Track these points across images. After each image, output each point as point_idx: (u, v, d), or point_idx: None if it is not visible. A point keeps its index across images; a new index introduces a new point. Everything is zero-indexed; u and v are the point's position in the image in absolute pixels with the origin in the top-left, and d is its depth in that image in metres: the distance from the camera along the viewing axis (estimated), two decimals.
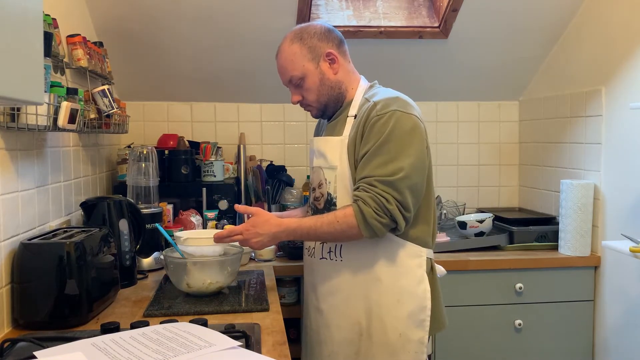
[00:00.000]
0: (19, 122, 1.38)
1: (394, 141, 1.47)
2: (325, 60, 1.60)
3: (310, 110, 1.69)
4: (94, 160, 2.21)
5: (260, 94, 2.80)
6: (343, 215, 1.49)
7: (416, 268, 1.57)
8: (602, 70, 2.28)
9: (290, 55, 1.60)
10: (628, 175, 2.14)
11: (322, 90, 1.62)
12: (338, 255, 1.61)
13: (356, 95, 1.63)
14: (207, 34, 2.40)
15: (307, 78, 1.61)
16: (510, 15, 2.42)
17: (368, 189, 1.46)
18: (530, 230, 2.47)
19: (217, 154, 2.66)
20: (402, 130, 1.48)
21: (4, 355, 1.18)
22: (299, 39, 1.60)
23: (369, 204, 1.45)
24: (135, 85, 2.67)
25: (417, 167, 1.49)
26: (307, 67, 1.60)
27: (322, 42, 1.60)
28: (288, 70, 1.62)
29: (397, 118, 1.48)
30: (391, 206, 1.44)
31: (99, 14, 2.24)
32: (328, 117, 1.71)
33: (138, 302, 1.63)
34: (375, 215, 1.45)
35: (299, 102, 1.67)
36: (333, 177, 1.60)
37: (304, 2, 2.29)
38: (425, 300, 1.57)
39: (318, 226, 1.51)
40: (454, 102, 2.95)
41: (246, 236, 1.54)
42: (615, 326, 2.22)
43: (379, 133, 1.48)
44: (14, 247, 1.43)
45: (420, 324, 1.56)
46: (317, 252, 1.66)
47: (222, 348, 1.11)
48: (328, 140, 1.64)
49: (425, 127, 1.56)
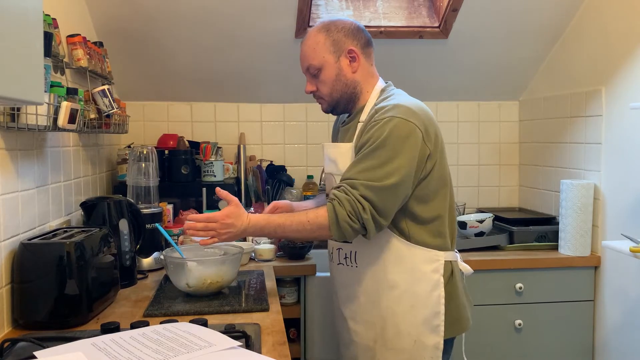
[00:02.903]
0: (19, 122, 1.38)
1: (386, 147, 1.45)
2: (346, 56, 1.59)
3: (321, 104, 1.68)
4: (94, 160, 2.21)
5: (260, 94, 2.80)
6: (315, 216, 1.47)
7: (431, 273, 1.55)
8: (602, 70, 2.28)
9: (313, 43, 1.60)
10: (628, 175, 2.14)
11: (337, 85, 1.60)
12: (353, 261, 1.60)
13: (369, 100, 1.62)
14: (207, 34, 2.40)
15: (325, 70, 1.59)
16: (511, 15, 2.43)
17: (348, 191, 1.44)
18: (530, 230, 2.47)
19: (217, 154, 2.66)
20: (396, 137, 1.45)
21: (4, 355, 1.18)
22: (325, 30, 1.60)
23: (344, 206, 1.43)
24: (135, 85, 2.67)
25: (404, 175, 1.45)
26: (326, 59, 1.59)
27: (347, 38, 1.59)
28: (308, 58, 1.61)
29: (394, 124, 1.46)
30: (366, 215, 1.43)
31: (99, 14, 2.24)
32: (338, 114, 1.71)
33: (138, 302, 1.63)
34: (347, 219, 1.43)
35: (312, 92, 1.66)
36: None
37: (304, 2, 2.29)
38: (439, 306, 1.54)
39: (287, 225, 1.50)
40: (454, 102, 2.95)
41: (220, 227, 1.49)
42: (615, 326, 2.22)
43: (372, 137, 1.47)
44: (14, 247, 1.43)
45: (434, 329, 1.54)
46: (335, 257, 1.67)
47: (222, 348, 1.11)
48: (339, 146, 1.64)
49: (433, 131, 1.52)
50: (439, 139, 1.56)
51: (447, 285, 1.56)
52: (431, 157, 1.51)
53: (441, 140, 1.57)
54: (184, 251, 1.73)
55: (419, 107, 1.54)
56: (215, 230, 1.49)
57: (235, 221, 1.49)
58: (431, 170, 1.52)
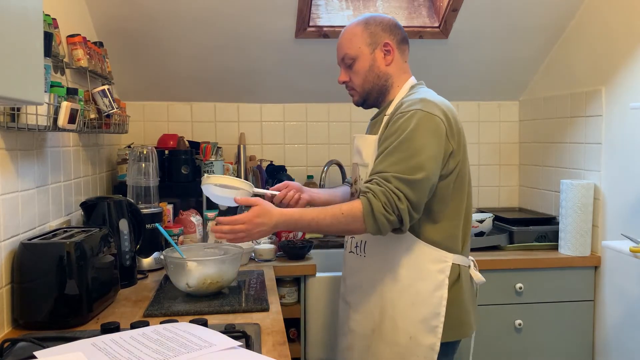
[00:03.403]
0: (19, 122, 1.38)
1: (413, 140, 1.45)
2: (381, 49, 1.61)
3: (353, 95, 1.70)
4: (94, 160, 2.21)
5: (260, 94, 2.80)
6: (349, 209, 1.46)
7: (437, 273, 1.55)
8: (602, 70, 2.28)
9: (351, 34, 1.63)
10: (628, 175, 2.13)
11: (369, 76, 1.63)
12: (363, 251, 1.63)
13: (398, 94, 1.64)
14: (207, 34, 2.40)
15: (359, 60, 1.62)
16: (510, 15, 2.42)
17: (382, 184, 1.44)
18: (530, 230, 2.47)
19: (217, 154, 2.66)
20: (423, 130, 1.46)
21: (4, 355, 1.18)
22: (364, 23, 1.63)
23: (379, 197, 1.42)
24: (135, 85, 2.67)
25: (434, 169, 1.47)
26: (362, 50, 1.61)
27: (384, 32, 1.62)
28: (344, 47, 1.64)
29: (420, 117, 1.47)
30: (402, 205, 1.42)
31: (99, 14, 2.24)
32: (368, 107, 1.72)
33: (138, 302, 1.63)
34: (383, 211, 1.42)
35: (344, 82, 1.68)
36: (365, 175, 1.60)
37: (304, 2, 2.29)
38: (440, 307, 1.54)
39: (321, 218, 1.48)
40: (454, 102, 2.88)
41: (249, 227, 1.48)
42: (615, 326, 2.22)
43: (399, 130, 1.47)
44: (14, 247, 1.43)
45: (432, 330, 1.54)
46: (348, 245, 1.71)
47: (222, 348, 1.11)
48: (365, 138, 1.66)
49: (457, 129, 1.53)
50: (462, 138, 1.56)
51: (452, 288, 1.56)
52: (453, 155, 1.52)
53: (464, 140, 1.57)
54: (184, 251, 1.73)
55: (445, 104, 1.56)
56: (244, 231, 1.48)
57: (265, 219, 1.48)
58: (452, 170, 1.53)
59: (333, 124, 2.92)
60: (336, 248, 2.55)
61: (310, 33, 2.44)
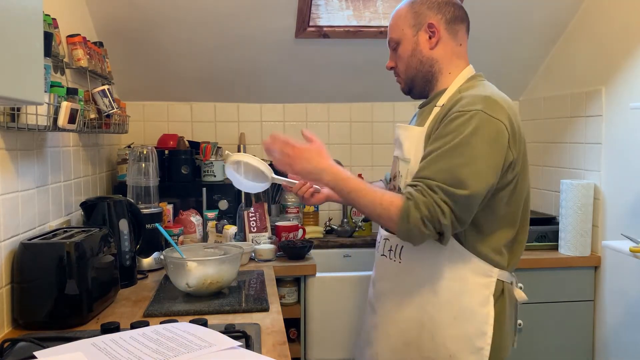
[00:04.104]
0: (19, 122, 1.38)
1: (469, 146, 1.27)
2: (425, 31, 1.45)
3: (399, 82, 1.55)
4: (94, 160, 2.21)
5: (260, 94, 2.80)
6: (389, 203, 1.30)
7: (482, 288, 1.38)
8: (602, 70, 2.28)
9: (396, 17, 1.50)
10: (628, 175, 2.14)
11: (412, 62, 1.48)
12: (398, 256, 1.46)
13: (453, 83, 1.46)
14: (207, 34, 2.40)
15: (402, 44, 1.48)
16: (511, 15, 2.42)
17: (426, 193, 1.26)
18: (530, 230, 2.45)
19: (217, 154, 2.66)
20: (482, 136, 1.27)
21: (4, 355, 1.18)
22: (410, 3, 1.48)
23: (420, 209, 1.25)
24: (135, 85, 2.67)
25: (488, 182, 1.28)
26: (405, 33, 1.47)
27: (430, 11, 1.45)
28: (390, 30, 1.51)
29: (481, 120, 1.28)
30: (446, 221, 1.25)
31: (99, 14, 2.24)
32: (416, 96, 1.56)
33: (138, 302, 1.63)
34: (420, 223, 1.25)
35: (391, 68, 1.55)
36: (405, 171, 1.45)
37: (304, 2, 2.29)
38: (486, 326, 1.37)
39: (361, 195, 1.35)
40: None
41: (297, 153, 1.42)
42: (615, 326, 2.22)
43: (455, 132, 1.29)
44: (14, 247, 1.43)
45: (477, 351, 1.37)
46: (381, 247, 1.55)
47: (222, 348, 1.11)
48: (409, 129, 1.49)
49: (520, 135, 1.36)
50: (524, 146, 1.39)
51: (495, 306, 1.40)
52: (513, 166, 1.34)
53: (525, 148, 1.39)
54: (184, 251, 1.73)
55: (509, 105, 1.37)
56: (291, 156, 1.43)
57: (315, 156, 1.41)
58: (510, 182, 1.36)
59: (333, 124, 2.92)
60: (336, 248, 2.55)
61: (310, 33, 2.44)
